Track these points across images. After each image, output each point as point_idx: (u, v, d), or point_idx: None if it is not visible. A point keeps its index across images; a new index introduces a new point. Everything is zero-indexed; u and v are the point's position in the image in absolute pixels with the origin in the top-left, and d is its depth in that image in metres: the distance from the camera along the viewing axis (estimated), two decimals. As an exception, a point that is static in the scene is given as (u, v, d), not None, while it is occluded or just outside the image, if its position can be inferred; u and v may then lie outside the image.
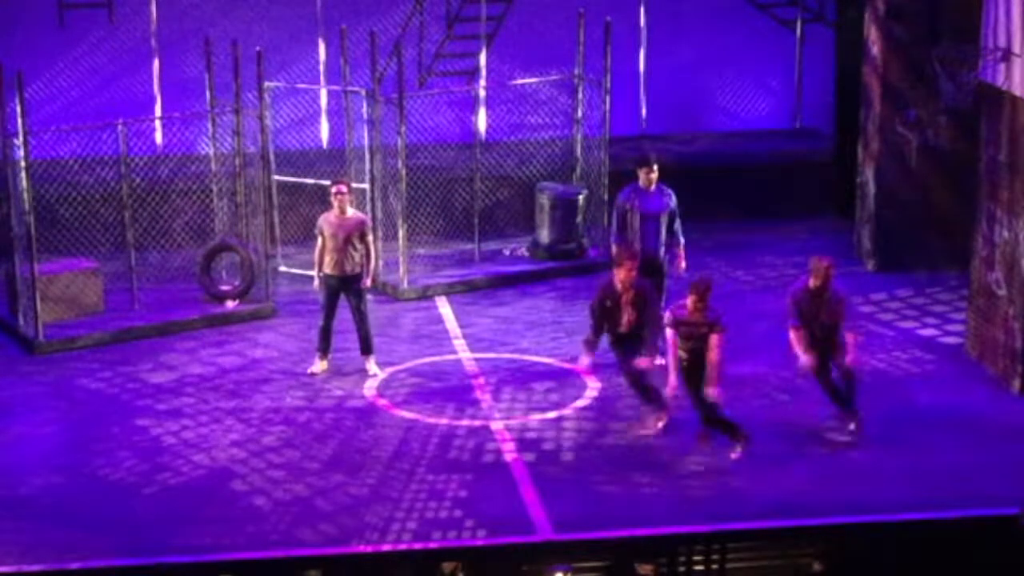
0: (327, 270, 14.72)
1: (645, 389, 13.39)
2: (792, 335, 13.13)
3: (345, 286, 14.72)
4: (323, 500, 12.26)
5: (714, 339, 12.66)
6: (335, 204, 14.74)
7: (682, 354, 12.80)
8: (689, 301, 12.68)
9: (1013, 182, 14.32)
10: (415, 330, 16.17)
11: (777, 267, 18.12)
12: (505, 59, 20.00)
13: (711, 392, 12.74)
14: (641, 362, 13.17)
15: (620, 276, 13.18)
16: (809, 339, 13.10)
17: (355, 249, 14.58)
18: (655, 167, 14.87)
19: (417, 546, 11.54)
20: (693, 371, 12.79)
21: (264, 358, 15.36)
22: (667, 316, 12.89)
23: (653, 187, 14.82)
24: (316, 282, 14.81)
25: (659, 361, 13.41)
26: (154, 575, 11.27)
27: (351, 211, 14.84)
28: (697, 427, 13.12)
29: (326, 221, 14.77)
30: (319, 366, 14.86)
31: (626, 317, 13.25)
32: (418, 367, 14.98)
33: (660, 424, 13.41)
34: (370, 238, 14.76)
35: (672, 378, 12.84)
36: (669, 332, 12.83)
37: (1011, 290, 14.45)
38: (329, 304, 14.75)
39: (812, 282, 13.18)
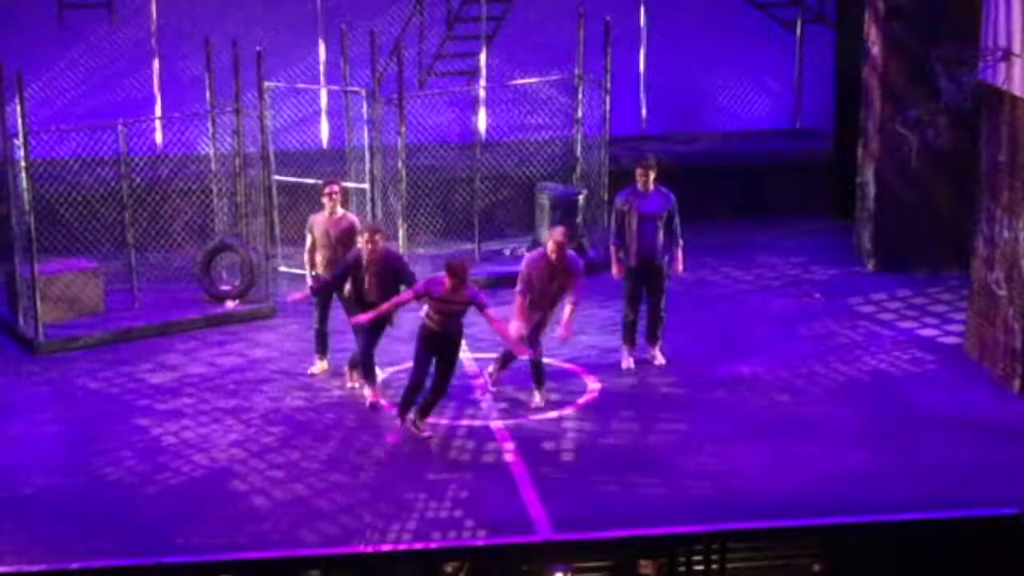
0: (320, 271, 14.70)
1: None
2: (517, 301, 13.78)
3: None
4: (323, 500, 12.26)
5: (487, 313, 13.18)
6: (327, 204, 14.75)
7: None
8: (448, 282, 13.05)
9: (1013, 182, 14.32)
10: (415, 330, 16.14)
11: (777, 267, 18.13)
12: (505, 59, 20.00)
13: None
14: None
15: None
16: (533, 308, 13.79)
17: (346, 251, 14.55)
18: (652, 169, 14.85)
19: (417, 546, 11.54)
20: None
21: (264, 358, 15.37)
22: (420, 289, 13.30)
23: (651, 188, 14.79)
24: (310, 282, 14.79)
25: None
26: (154, 575, 11.27)
27: (341, 211, 14.83)
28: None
29: (316, 221, 14.77)
30: (319, 367, 14.85)
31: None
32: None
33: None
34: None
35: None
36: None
37: (1011, 290, 14.45)
38: (322, 305, 14.72)
39: (550, 250, 13.68)
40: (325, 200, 14.80)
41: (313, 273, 14.76)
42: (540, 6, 20.09)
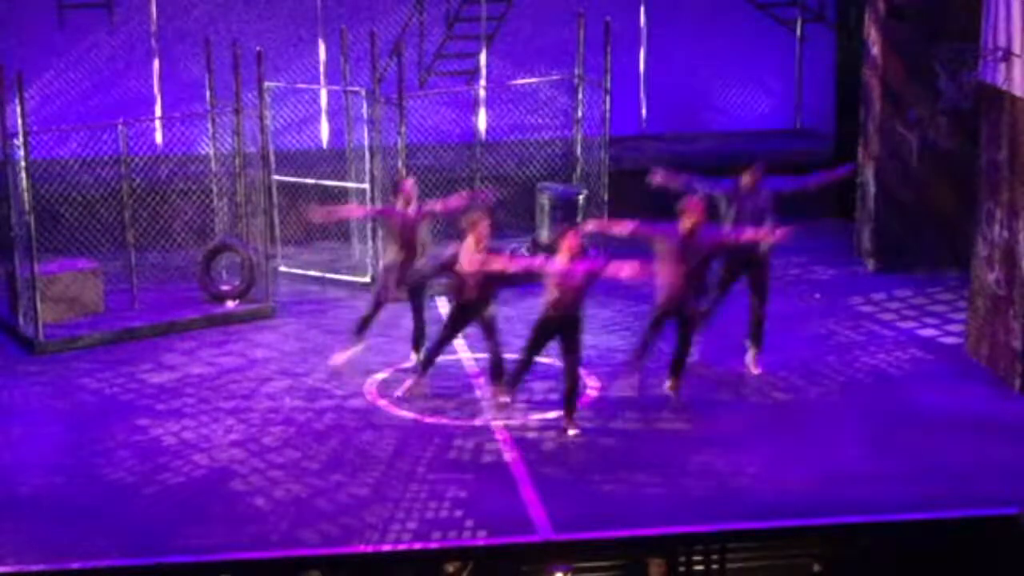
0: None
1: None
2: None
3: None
4: (323, 500, 12.25)
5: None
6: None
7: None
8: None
9: (1013, 182, 14.33)
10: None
11: (777, 267, 18.06)
12: (505, 59, 20.01)
13: None
14: None
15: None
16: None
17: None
18: (760, 172, 14.65)
19: (417, 546, 11.54)
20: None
21: (264, 358, 15.37)
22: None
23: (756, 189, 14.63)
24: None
25: None
26: (154, 575, 11.27)
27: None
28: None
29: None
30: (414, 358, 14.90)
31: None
32: (417, 367, 14.95)
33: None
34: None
35: None
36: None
37: (1011, 290, 14.45)
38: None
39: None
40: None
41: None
42: (540, 6, 20.10)
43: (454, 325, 14.06)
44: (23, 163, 15.37)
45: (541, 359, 15.07)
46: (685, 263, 13.52)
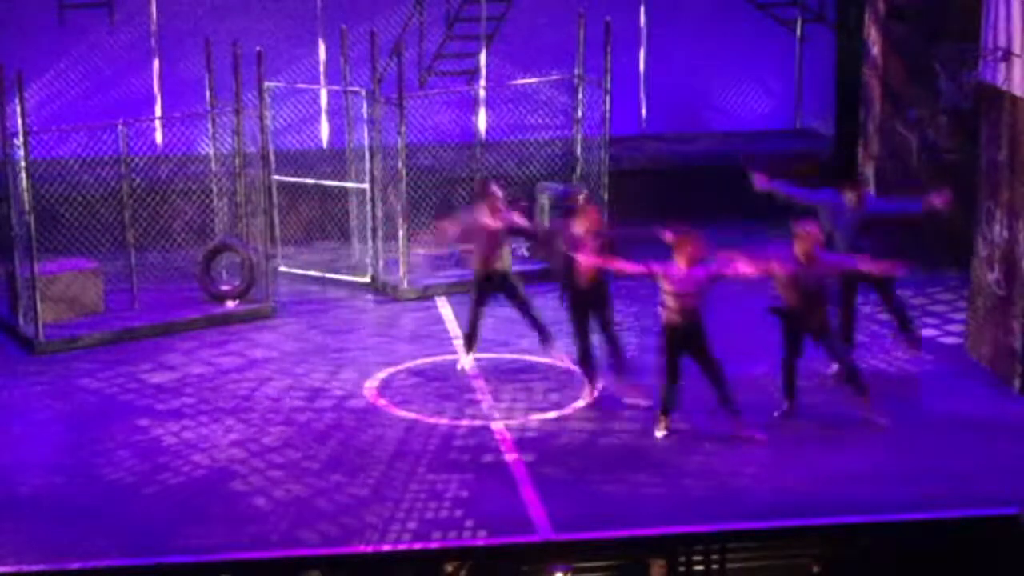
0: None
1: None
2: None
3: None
4: (323, 500, 12.25)
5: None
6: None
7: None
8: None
9: (1013, 182, 14.33)
10: (415, 330, 16.18)
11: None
12: (505, 59, 20.01)
13: None
14: None
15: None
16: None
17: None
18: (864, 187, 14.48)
19: (417, 546, 11.54)
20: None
21: (264, 358, 15.37)
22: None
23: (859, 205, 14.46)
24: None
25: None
26: (154, 575, 11.27)
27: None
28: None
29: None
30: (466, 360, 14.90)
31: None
32: (418, 367, 14.98)
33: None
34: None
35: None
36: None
37: (1011, 290, 14.45)
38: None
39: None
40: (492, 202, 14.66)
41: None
42: (540, 6, 20.10)
43: (579, 319, 13.93)
44: (23, 163, 15.38)
45: (542, 359, 15.11)
46: (801, 288, 13.36)
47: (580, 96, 18.52)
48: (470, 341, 14.79)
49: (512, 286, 14.70)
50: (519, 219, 14.75)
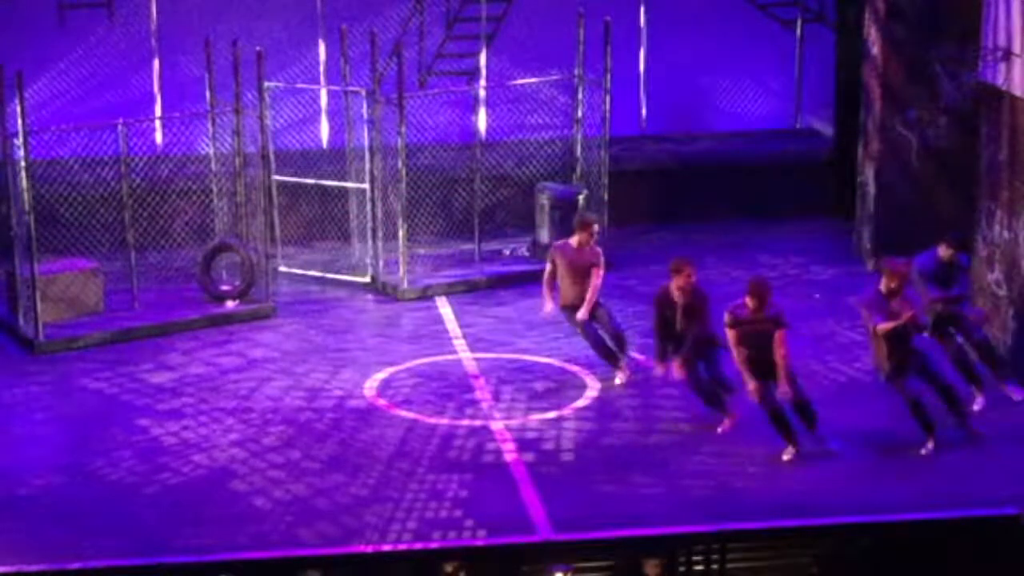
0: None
1: (707, 393, 13.48)
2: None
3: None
4: (323, 500, 12.25)
5: (779, 336, 12.64)
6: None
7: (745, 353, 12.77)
8: (748, 301, 12.67)
9: (1013, 182, 14.32)
10: (415, 330, 16.17)
11: (777, 267, 18.12)
12: (505, 59, 20.00)
13: (782, 390, 12.72)
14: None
15: (678, 283, 13.28)
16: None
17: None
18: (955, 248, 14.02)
19: (417, 546, 11.54)
20: (758, 369, 12.78)
21: (264, 358, 15.36)
22: (726, 316, 12.85)
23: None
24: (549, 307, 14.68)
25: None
26: (154, 575, 11.27)
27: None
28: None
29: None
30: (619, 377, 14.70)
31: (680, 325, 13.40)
32: (418, 367, 14.98)
33: (727, 425, 13.46)
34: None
35: (747, 378, 12.83)
36: (730, 333, 12.81)
37: (1011, 290, 14.45)
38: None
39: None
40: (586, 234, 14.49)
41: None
42: (540, 6, 20.09)
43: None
44: (23, 163, 15.38)
45: (541, 359, 15.12)
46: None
47: (580, 96, 18.51)
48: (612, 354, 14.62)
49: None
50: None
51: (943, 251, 13.87)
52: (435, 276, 17.57)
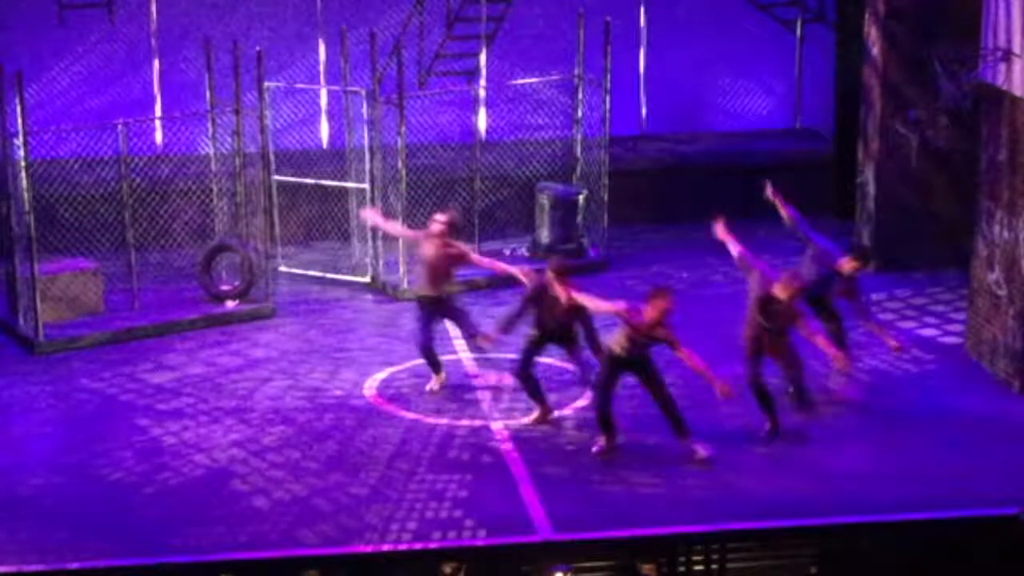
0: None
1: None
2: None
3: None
4: (323, 500, 12.26)
5: (685, 356, 12.62)
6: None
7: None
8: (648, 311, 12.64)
9: (1013, 182, 14.33)
10: (415, 330, 16.15)
11: (777, 267, 18.07)
12: (505, 59, 20.00)
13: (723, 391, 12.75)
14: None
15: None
16: None
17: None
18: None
19: (417, 546, 11.54)
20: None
21: (264, 358, 15.36)
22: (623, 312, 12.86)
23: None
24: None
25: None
26: (154, 575, 11.27)
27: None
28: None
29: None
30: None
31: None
32: (418, 367, 14.96)
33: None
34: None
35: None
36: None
37: (1011, 290, 14.45)
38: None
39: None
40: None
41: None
42: (540, 6, 20.09)
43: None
44: (23, 163, 15.38)
45: (541, 359, 15.10)
46: (762, 320, 13.26)
47: (580, 96, 18.51)
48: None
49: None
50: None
51: (847, 264, 13.92)
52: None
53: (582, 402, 14.16)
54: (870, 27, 17.76)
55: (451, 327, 15.26)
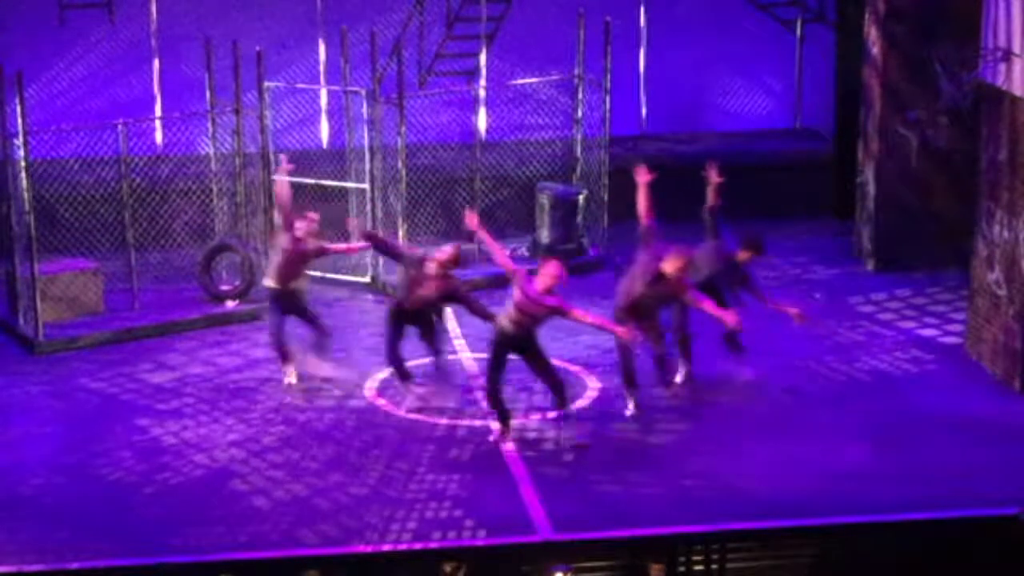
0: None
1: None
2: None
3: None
4: (323, 500, 12.26)
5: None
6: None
7: None
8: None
9: (1013, 182, 14.33)
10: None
11: (777, 267, 18.11)
12: (505, 59, 20.00)
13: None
14: None
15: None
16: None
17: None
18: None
19: (417, 546, 11.54)
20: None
21: (264, 358, 15.35)
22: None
23: None
24: None
25: None
26: (154, 575, 11.27)
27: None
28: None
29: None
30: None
31: None
32: (418, 367, 14.96)
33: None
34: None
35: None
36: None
37: (1011, 290, 14.45)
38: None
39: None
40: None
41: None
42: (540, 6, 20.09)
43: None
44: (23, 163, 15.38)
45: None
46: (641, 294, 13.57)
47: (580, 96, 18.51)
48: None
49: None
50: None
51: (742, 255, 14.22)
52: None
53: (582, 402, 14.16)
54: (870, 27, 17.76)
55: (453, 325, 15.27)
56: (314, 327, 14.71)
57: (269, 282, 14.62)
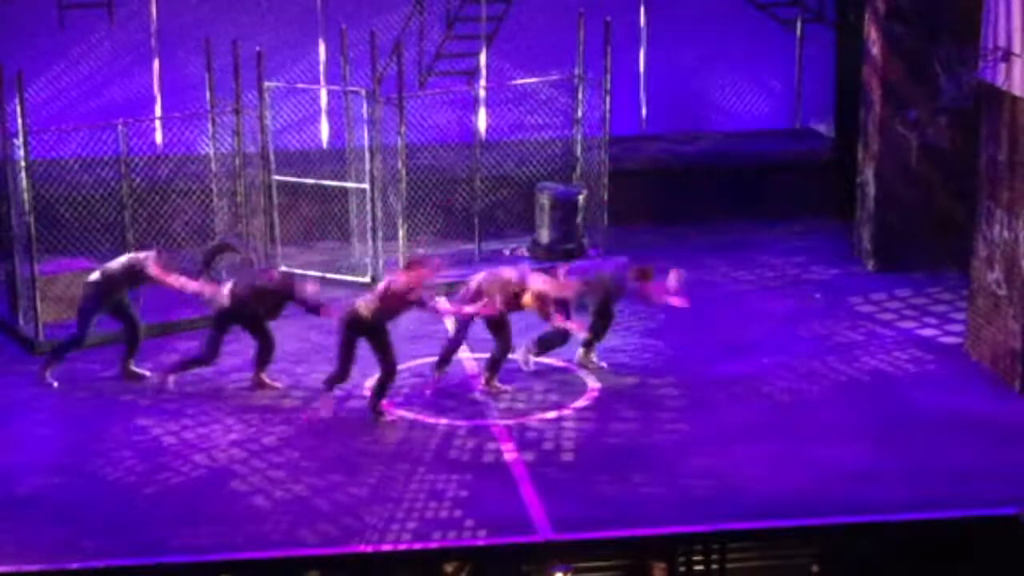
0: None
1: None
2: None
3: None
4: (323, 500, 12.26)
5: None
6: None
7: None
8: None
9: (1013, 182, 14.33)
10: (415, 330, 16.15)
11: (777, 267, 18.13)
12: (505, 59, 20.01)
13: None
14: None
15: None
16: None
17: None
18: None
19: (417, 546, 11.54)
20: None
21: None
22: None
23: None
24: None
25: None
26: (154, 575, 11.27)
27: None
28: None
29: None
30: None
31: None
32: (418, 367, 14.97)
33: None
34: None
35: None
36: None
37: (1011, 290, 14.45)
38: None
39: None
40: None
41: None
42: (540, 6, 20.09)
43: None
44: (23, 163, 15.38)
45: (542, 359, 15.11)
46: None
47: (580, 96, 18.52)
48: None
49: None
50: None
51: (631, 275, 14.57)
52: (435, 276, 17.52)
53: (582, 402, 14.17)
54: (870, 27, 17.76)
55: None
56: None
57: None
